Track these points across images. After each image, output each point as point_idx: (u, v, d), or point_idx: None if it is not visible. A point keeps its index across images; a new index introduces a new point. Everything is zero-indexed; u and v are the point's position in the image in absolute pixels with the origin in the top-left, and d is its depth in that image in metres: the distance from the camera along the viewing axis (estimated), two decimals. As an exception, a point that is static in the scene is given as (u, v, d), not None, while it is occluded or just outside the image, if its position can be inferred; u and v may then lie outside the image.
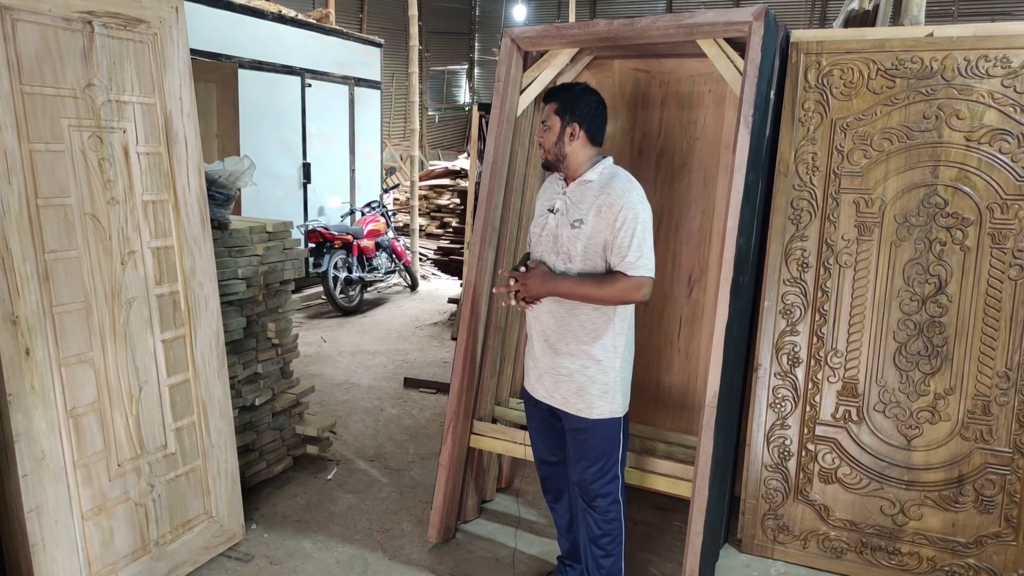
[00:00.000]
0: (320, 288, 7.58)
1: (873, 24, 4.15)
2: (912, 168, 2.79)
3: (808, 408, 2.94)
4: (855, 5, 4.86)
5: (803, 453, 2.95)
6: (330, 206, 8.33)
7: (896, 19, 3.71)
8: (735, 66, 2.73)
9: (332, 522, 3.22)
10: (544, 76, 3.08)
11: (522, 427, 3.19)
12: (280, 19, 7.50)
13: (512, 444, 3.00)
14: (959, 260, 2.74)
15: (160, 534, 2.69)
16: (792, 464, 2.96)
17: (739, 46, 2.72)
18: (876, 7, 4.31)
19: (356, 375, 5.30)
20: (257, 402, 3.40)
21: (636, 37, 2.87)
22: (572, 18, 10.73)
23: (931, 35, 2.76)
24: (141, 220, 2.61)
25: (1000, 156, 2.67)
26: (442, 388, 4.96)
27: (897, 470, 2.83)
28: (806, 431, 2.94)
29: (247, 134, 7.07)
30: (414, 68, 8.52)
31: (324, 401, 4.72)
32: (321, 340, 6.17)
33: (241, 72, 6.99)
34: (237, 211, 6.03)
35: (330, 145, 8.34)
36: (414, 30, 8.41)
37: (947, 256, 2.75)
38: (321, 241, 6.84)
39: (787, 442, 2.96)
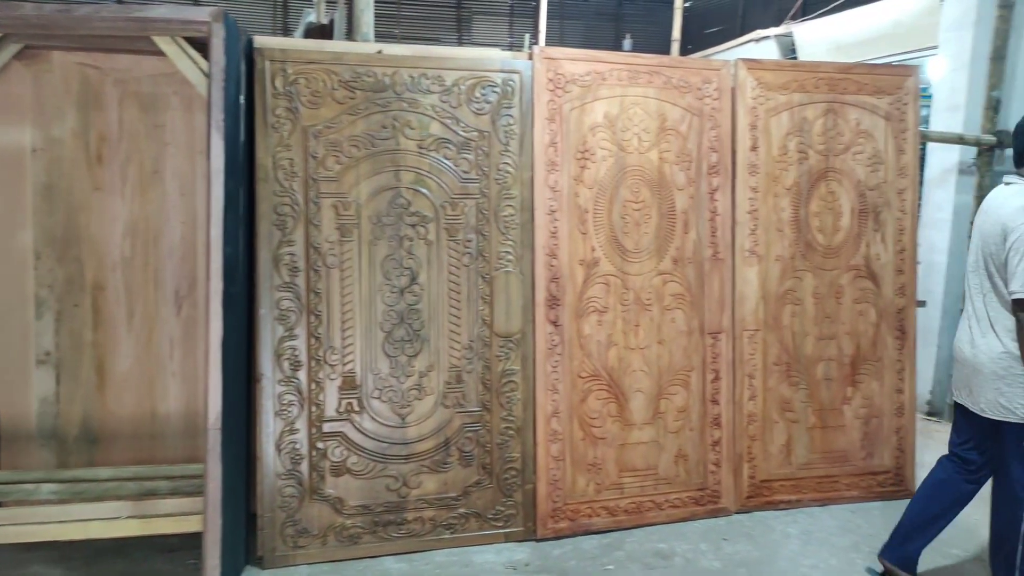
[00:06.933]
0: None
1: (331, 38, 4.43)
2: (379, 173, 3.05)
3: (314, 408, 3.01)
4: (313, 18, 5.12)
5: (313, 453, 3.01)
6: None
7: (351, 35, 4.02)
8: (200, 68, 2.60)
9: None
10: (-47, 63, 2.47)
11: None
12: None
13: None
14: (425, 253, 3.11)
15: None
16: (304, 466, 3.00)
17: (203, 47, 2.60)
18: (332, 22, 4.61)
19: None
20: None
21: (76, 27, 2.52)
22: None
23: (380, 52, 3.05)
24: None
25: (445, 161, 3.11)
26: None
27: (396, 447, 3.10)
28: (314, 431, 3.01)
29: None
30: None
31: None
32: None
33: None
34: None
35: None
36: None
37: (415, 250, 3.10)
38: None
39: (297, 446, 2.99)
